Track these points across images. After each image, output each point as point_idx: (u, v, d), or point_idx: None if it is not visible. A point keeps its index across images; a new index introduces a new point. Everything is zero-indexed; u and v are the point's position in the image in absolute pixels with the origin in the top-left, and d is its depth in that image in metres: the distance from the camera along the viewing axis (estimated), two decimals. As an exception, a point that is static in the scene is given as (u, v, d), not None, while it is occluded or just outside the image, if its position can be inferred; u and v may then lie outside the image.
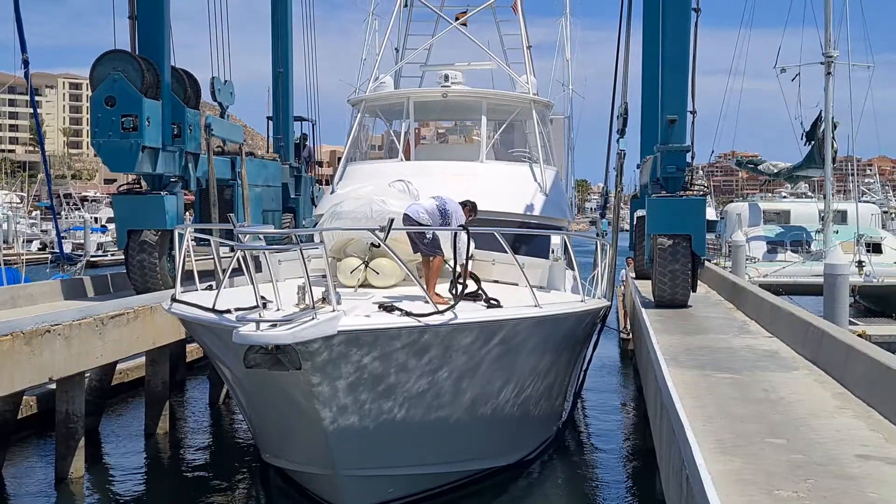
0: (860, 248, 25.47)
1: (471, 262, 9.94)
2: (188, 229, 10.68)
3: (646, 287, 15.84)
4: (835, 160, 29.21)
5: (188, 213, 22.64)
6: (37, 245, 53.82)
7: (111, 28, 15.50)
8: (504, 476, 11.35)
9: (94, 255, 47.57)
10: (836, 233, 27.65)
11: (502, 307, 9.66)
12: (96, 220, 62.82)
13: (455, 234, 9.59)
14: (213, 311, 8.91)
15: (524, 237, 13.87)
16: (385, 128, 19.19)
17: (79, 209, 69.51)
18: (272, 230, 11.91)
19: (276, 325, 7.45)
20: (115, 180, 77.54)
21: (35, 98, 24.74)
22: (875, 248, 27.34)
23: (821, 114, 28.43)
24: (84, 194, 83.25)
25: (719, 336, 11.40)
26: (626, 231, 24.91)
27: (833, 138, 27.96)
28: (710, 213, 32.41)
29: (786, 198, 38.79)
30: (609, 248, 14.29)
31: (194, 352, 18.28)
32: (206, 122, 16.58)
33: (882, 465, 5.66)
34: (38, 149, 25.86)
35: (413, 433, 9.38)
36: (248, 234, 9.40)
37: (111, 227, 51.80)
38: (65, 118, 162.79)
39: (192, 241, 10.73)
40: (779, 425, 6.66)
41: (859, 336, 12.01)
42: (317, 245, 8.91)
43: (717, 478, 5.20)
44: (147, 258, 14.47)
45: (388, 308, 8.64)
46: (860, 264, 24.28)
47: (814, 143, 29.02)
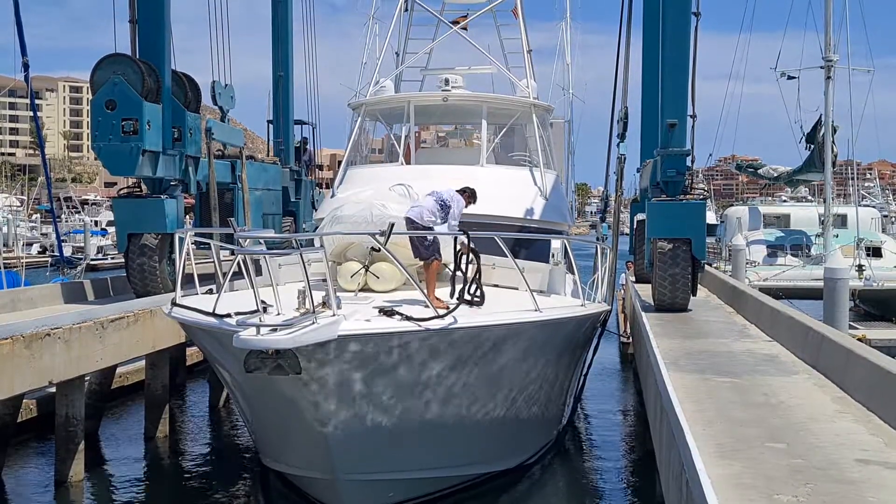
0: (860, 252, 25.45)
1: (472, 265, 9.94)
2: (188, 233, 10.70)
3: (646, 291, 15.84)
4: (835, 164, 29.21)
5: (188, 216, 22.65)
6: (37, 248, 53.81)
7: (112, 31, 15.54)
8: (504, 480, 11.34)
9: (94, 259, 47.60)
10: (836, 237, 27.66)
11: (482, 305, 9.68)
12: (96, 223, 62.91)
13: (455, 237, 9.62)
14: (214, 315, 8.90)
15: (524, 241, 13.86)
16: (385, 131, 19.18)
17: (79, 212, 69.58)
18: (272, 234, 11.93)
19: (276, 330, 7.46)
20: (116, 184, 77.56)
21: (35, 101, 24.76)
22: (875, 252, 27.34)
23: (821, 117, 28.48)
24: (84, 197, 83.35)
25: (719, 340, 11.40)
26: (627, 235, 24.92)
27: (833, 142, 27.98)
28: (711, 217, 32.44)
29: (786, 202, 38.87)
30: (609, 252, 14.29)
31: (194, 355, 18.28)
32: (206, 125, 16.59)
33: (882, 470, 5.66)
34: (38, 152, 25.88)
35: (413, 437, 9.38)
36: (249, 238, 9.40)
37: (111, 230, 51.84)
38: (65, 121, 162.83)
39: (193, 245, 10.74)
40: (779, 429, 6.65)
41: (859, 340, 12.00)
42: (317, 249, 8.92)
43: (717, 482, 5.20)
44: (147, 262, 14.49)
45: (388, 312, 8.63)
46: (860, 268, 24.26)
47: (814, 147, 29.04)
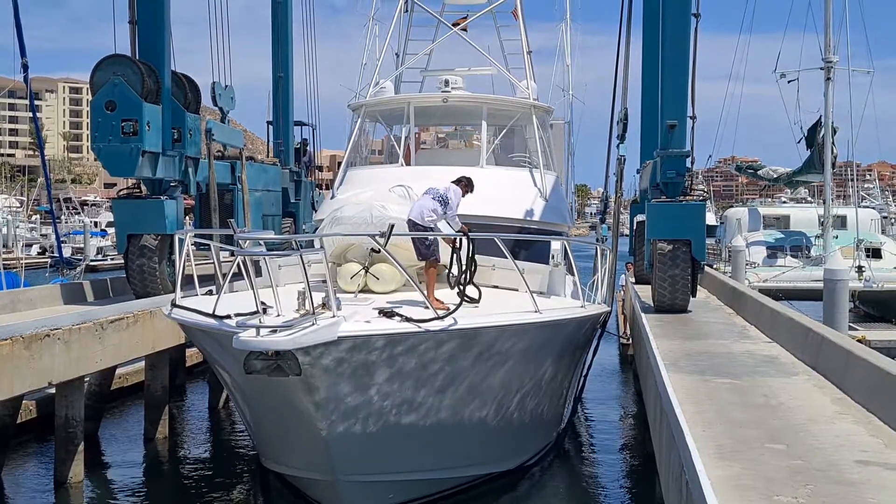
0: (860, 253, 25.47)
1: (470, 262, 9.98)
2: (188, 234, 10.69)
3: (646, 292, 15.84)
4: (834, 165, 29.22)
5: (188, 217, 22.66)
6: (36, 249, 53.81)
7: (111, 32, 15.53)
8: (504, 482, 11.34)
9: (93, 260, 47.56)
10: (836, 238, 27.67)
11: (478, 304, 9.73)
12: (96, 224, 62.85)
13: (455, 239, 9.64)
14: (214, 316, 8.90)
15: (524, 243, 13.86)
16: (385, 133, 19.18)
17: (78, 213, 69.51)
18: (272, 235, 11.92)
19: (276, 331, 7.45)
20: (115, 184, 77.55)
21: (35, 102, 24.76)
22: (875, 253, 27.35)
23: (820, 118, 28.47)
24: (84, 198, 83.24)
25: (719, 341, 11.39)
26: (626, 236, 24.92)
27: (833, 143, 27.98)
28: (710, 218, 32.42)
29: (785, 203, 38.87)
30: (609, 254, 14.29)
31: (194, 356, 18.28)
32: (206, 126, 16.60)
33: (881, 471, 5.66)
34: (37, 153, 25.87)
35: (413, 439, 9.38)
36: (249, 239, 9.40)
37: (111, 231, 51.80)
38: (65, 122, 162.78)
39: (192, 246, 10.73)
40: (778, 431, 6.65)
41: (859, 341, 12.01)
42: (317, 250, 8.93)
43: (717, 483, 5.20)
44: (147, 263, 14.49)
45: (388, 314, 8.63)
46: (860, 269, 24.26)
47: (813, 148, 29.03)
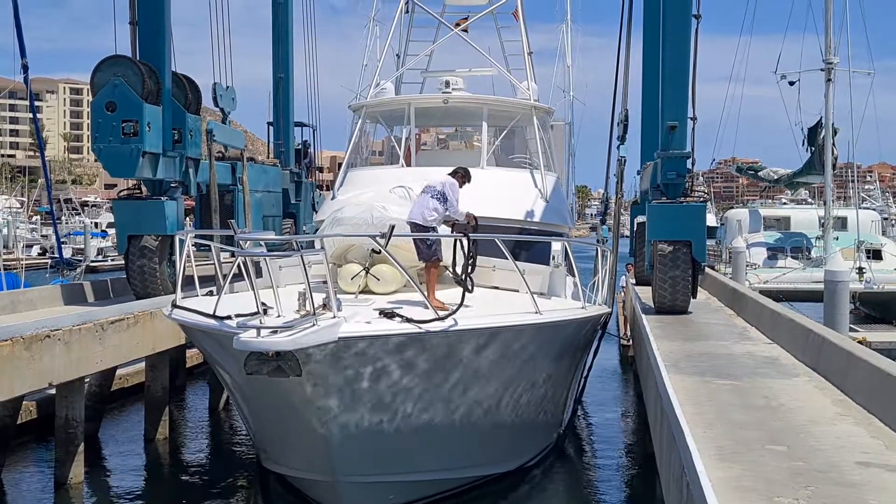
0: (860, 254, 25.46)
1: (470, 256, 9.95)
2: (189, 235, 10.69)
3: (646, 293, 15.83)
4: (835, 167, 29.21)
5: (188, 218, 22.65)
6: (37, 250, 53.83)
7: (112, 33, 15.54)
8: (504, 483, 11.33)
9: (94, 260, 47.61)
10: (837, 239, 27.67)
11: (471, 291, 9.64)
12: (96, 224, 62.91)
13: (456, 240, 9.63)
14: (214, 317, 8.90)
15: (525, 243, 13.86)
16: (386, 134, 19.18)
17: (79, 214, 69.58)
18: (273, 236, 11.93)
19: (276, 332, 7.46)
20: (116, 185, 77.67)
21: (35, 103, 24.79)
22: (875, 254, 27.34)
23: (821, 119, 28.47)
24: (84, 199, 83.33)
25: (719, 342, 11.39)
26: (627, 237, 24.91)
27: (833, 145, 27.98)
28: (711, 220, 32.41)
29: (786, 204, 38.87)
30: (609, 255, 14.29)
31: (194, 357, 18.26)
32: (207, 127, 16.60)
33: (882, 473, 5.65)
34: (38, 154, 25.88)
35: (413, 440, 9.37)
36: (249, 239, 9.40)
37: (111, 231, 51.84)
38: (65, 123, 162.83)
39: (193, 247, 10.73)
40: (779, 432, 6.65)
41: (860, 343, 12.00)
42: (317, 251, 8.93)
43: (718, 484, 5.20)
44: (147, 263, 14.49)
45: (388, 314, 8.63)
46: (860, 271, 24.25)
47: (814, 149, 29.03)
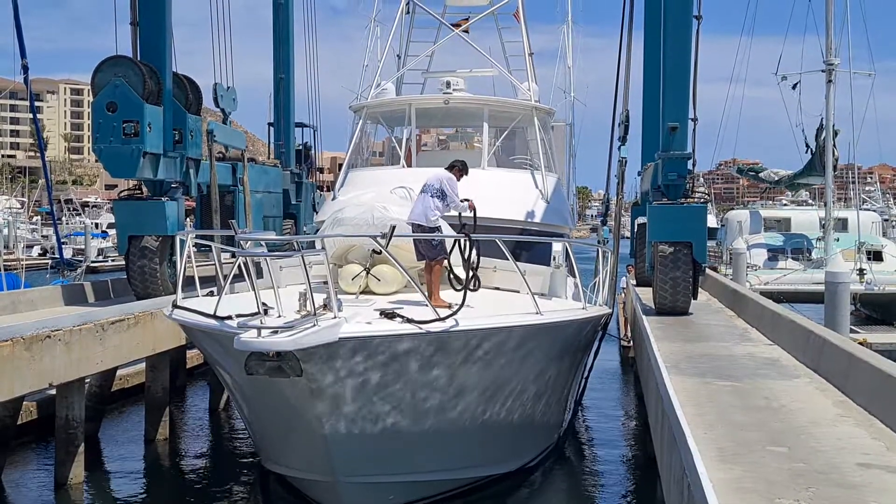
0: (861, 255, 25.44)
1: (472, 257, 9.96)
2: (189, 235, 10.69)
3: (647, 294, 15.82)
4: (835, 168, 29.18)
5: (189, 218, 22.65)
6: (37, 250, 53.77)
7: (113, 34, 15.54)
8: (505, 484, 11.33)
9: (94, 261, 47.56)
10: (837, 241, 27.65)
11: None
12: (97, 225, 62.88)
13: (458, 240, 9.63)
14: (215, 317, 8.90)
15: (525, 244, 13.86)
16: (386, 134, 19.19)
17: (79, 214, 69.56)
18: (274, 237, 11.91)
19: (277, 332, 7.46)
20: (116, 186, 77.75)
21: (36, 103, 24.80)
22: (876, 255, 27.32)
23: (822, 120, 28.45)
24: (85, 200, 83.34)
25: (720, 344, 11.38)
26: (628, 238, 24.90)
27: (834, 146, 27.97)
28: (711, 221, 32.41)
29: (786, 205, 38.82)
30: (610, 256, 14.28)
31: (194, 358, 18.27)
32: (208, 128, 16.60)
33: (883, 474, 5.64)
34: (38, 154, 25.88)
35: (414, 440, 9.37)
36: (250, 240, 9.40)
37: (112, 232, 51.83)
38: (66, 123, 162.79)
39: (193, 247, 10.73)
40: (780, 433, 6.64)
41: (860, 344, 11.99)
42: (318, 251, 8.92)
43: (719, 486, 5.19)
44: (148, 264, 14.49)
45: (389, 315, 8.63)
46: (861, 272, 24.23)
47: (814, 150, 29.01)
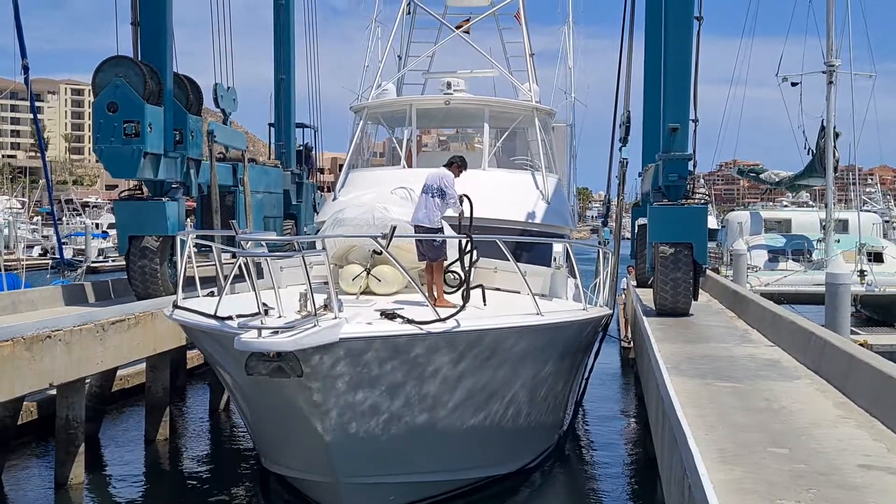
0: (862, 257, 25.41)
1: (473, 270, 9.93)
2: (190, 235, 10.69)
3: (647, 295, 15.83)
4: (836, 169, 29.16)
5: (189, 219, 22.65)
6: (38, 251, 53.79)
7: (114, 34, 15.57)
8: (505, 484, 11.32)
9: (94, 261, 47.57)
10: (838, 242, 27.62)
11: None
12: (97, 225, 62.90)
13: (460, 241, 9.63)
14: (215, 317, 8.90)
15: (526, 245, 13.86)
16: (387, 135, 19.20)
17: (80, 215, 69.54)
18: (274, 237, 11.91)
19: (277, 333, 7.45)
20: (117, 186, 77.77)
21: (36, 104, 24.81)
22: (877, 257, 27.29)
23: (823, 122, 28.42)
24: (85, 200, 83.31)
25: (721, 345, 11.38)
26: (628, 239, 24.90)
27: (835, 147, 27.95)
28: (712, 222, 32.40)
29: (787, 207, 38.80)
30: (611, 257, 14.28)
31: (195, 358, 18.27)
32: (208, 128, 16.61)
33: (884, 475, 5.64)
34: (39, 154, 25.89)
35: (414, 441, 9.36)
36: (250, 240, 9.40)
37: (112, 232, 51.83)
38: (66, 124, 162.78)
39: (194, 248, 10.73)
40: (781, 435, 6.64)
41: (861, 345, 11.98)
42: (319, 252, 8.92)
43: (719, 487, 5.19)
44: (148, 264, 14.49)
45: (389, 315, 8.62)
46: (862, 273, 24.21)
47: (815, 152, 28.99)
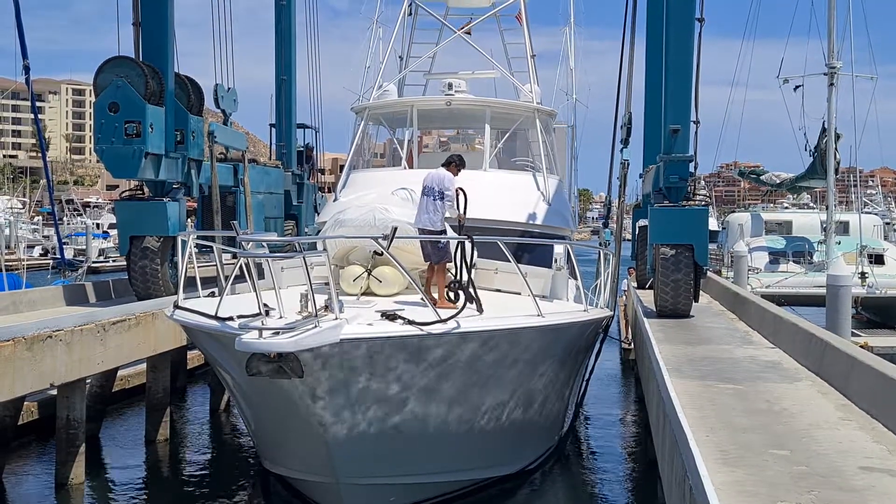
0: (862, 259, 25.40)
1: (473, 271, 9.92)
2: (190, 236, 10.69)
3: (648, 297, 15.83)
4: (837, 171, 29.15)
5: (190, 219, 22.67)
6: (38, 251, 53.81)
7: (115, 34, 15.58)
8: (505, 486, 11.31)
9: (95, 261, 47.56)
10: (839, 244, 27.61)
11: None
12: (98, 225, 62.90)
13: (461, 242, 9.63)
14: (216, 317, 8.89)
15: (527, 246, 13.85)
16: (388, 136, 19.20)
17: (81, 215, 69.55)
18: (275, 238, 11.91)
19: (278, 333, 7.45)
20: (118, 186, 77.74)
21: (37, 104, 24.80)
22: (877, 259, 27.28)
23: (824, 124, 28.41)
24: (86, 200, 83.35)
25: (722, 346, 11.38)
26: (629, 241, 24.88)
27: (836, 149, 27.95)
28: (712, 224, 32.34)
29: (788, 208, 38.75)
30: (611, 258, 14.28)
31: (195, 358, 18.26)
32: (209, 129, 16.61)
33: (885, 477, 5.64)
34: (40, 154, 25.91)
35: (414, 442, 9.36)
36: (251, 241, 9.40)
37: (113, 232, 51.82)
38: (68, 124, 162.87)
39: (195, 248, 10.73)
40: (781, 436, 6.64)
41: (862, 347, 11.98)
42: (319, 253, 8.91)
43: (720, 489, 5.19)
44: (149, 264, 14.50)
45: (390, 316, 8.62)
46: (863, 275, 24.19)
47: (816, 153, 28.99)
